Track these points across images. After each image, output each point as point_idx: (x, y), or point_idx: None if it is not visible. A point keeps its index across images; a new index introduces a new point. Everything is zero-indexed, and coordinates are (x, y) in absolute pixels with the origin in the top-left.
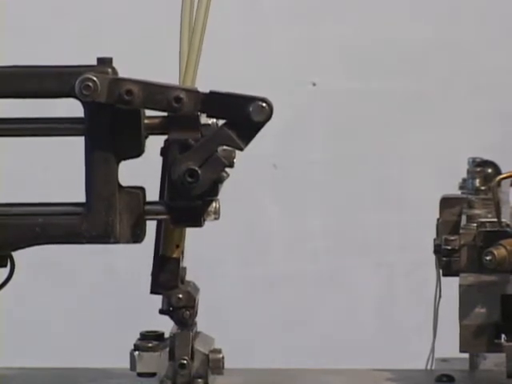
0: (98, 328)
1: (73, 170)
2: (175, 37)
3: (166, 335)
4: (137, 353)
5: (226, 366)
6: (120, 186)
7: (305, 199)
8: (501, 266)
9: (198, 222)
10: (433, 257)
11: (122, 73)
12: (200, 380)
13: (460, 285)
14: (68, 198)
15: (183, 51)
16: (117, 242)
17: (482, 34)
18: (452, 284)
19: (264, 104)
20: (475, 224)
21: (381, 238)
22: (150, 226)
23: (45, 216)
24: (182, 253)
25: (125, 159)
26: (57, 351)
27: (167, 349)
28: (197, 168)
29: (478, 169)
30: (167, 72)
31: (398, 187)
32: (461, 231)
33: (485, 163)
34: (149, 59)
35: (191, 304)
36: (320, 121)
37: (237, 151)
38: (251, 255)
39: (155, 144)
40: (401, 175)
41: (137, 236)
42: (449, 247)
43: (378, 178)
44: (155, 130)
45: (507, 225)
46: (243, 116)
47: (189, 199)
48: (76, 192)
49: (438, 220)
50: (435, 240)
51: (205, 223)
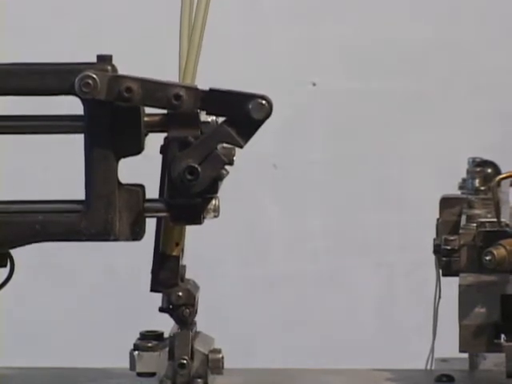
0: (98, 328)
1: (72, 170)
2: (175, 35)
3: (166, 335)
4: (136, 352)
5: (226, 366)
6: (120, 184)
7: (305, 199)
8: (500, 266)
9: (198, 220)
10: (433, 257)
11: (122, 71)
12: (199, 380)
13: (460, 285)
14: (67, 198)
15: (183, 49)
16: (116, 240)
17: (482, 34)
18: (452, 284)
19: (263, 101)
20: (475, 224)
21: (381, 238)
22: (150, 224)
23: (44, 213)
24: (182, 251)
25: (124, 157)
26: (57, 351)
27: (167, 349)
28: (196, 165)
29: (478, 169)
30: (167, 70)
31: (398, 187)
32: (460, 231)
33: (485, 163)
34: (149, 57)
35: (191, 302)
36: (320, 121)
37: (237, 150)
38: (251, 255)
39: (155, 141)
40: (401, 175)
41: (136, 233)
42: (449, 247)
43: (378, 178)
44: (155, 128)
45: (507, 225)
46: (243, 113)
47: (188, 197)
48: (76, 192)
49: (438, 220)
50: (435, 240)
51: (204, 221)
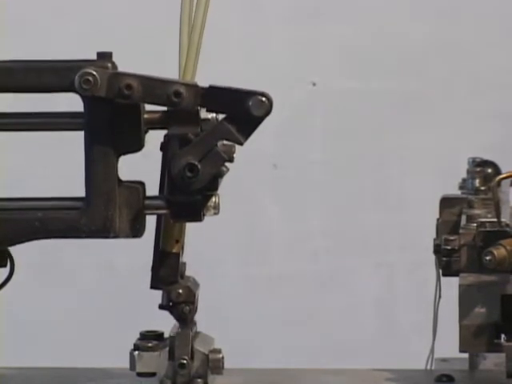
0: (98, 328)
1: (72, 170)
2: (175, 32)
3: (166, 335)
4: (136, 352)
5: (226, 366)
6: (119, 181)
7: (305, 199)
8: (501, 266)
9: (198, 217)
10: (433, 257)
11: (122, 68)
12: (200, 380)
13: (460, 285)
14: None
15: (183, 46)
16: (116, 237)
17: (482, 34)
18: (452, 284)
19: (263, 98)
20: (475, 224)
21: (381, 238)
22: (150, 222)
23: (44, 210)
24: (182, 248)
25: (124, 154)
26: (57, 351)
27: (167, 348)
28: (196, 162)
29: (478, 169)
30: (167, 67)
31: (398, 187)
32: (461, 231)
33: (485, 163)
34: (149, 55)
35: (191, 299)
36: (320, 121)
37: (237, 151)
38: (251, 255)
39: (155, 139)
40: (401, 175)
41: (136, 231)
42: (449, 247)
43: (378, 178)
44: (155, 125)
45: (507, 225)
46: (243, 110)
47: (188, 194)
48: (75, 191)
49: (438, 220)
50: (435, 240)
51: (204, 218)
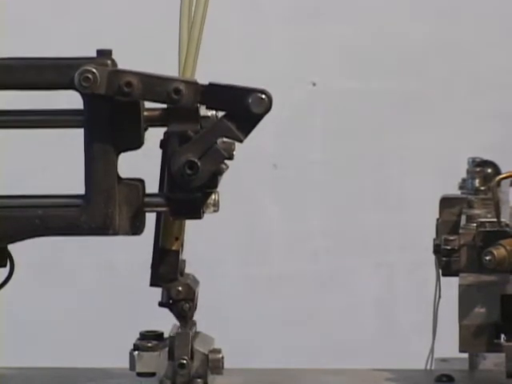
0: (98, 328)
1: (71, 170)
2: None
3: (166, 335)
4: (136, 352)
5: (226, 366)
6: (119, 178)
7: (305, 199)
8: (500, 266)
9: (198, 214)
10: (433, 257)
11: (122, 66)
12: (199, 380)
13: (460, 285)
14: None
15: (183, 42)
16: (116, 234)
17: (482, 34)
18: (452, 284)
19: (263, 96)
20: (475, 224)
21: (381, 238)
22: (150, 220)
23: (44, 208)
24: (182, 245)
25: (124, 151)
26: (57, 351)
27: (167, 349)
28: (196, 160)
29: (478, 169)
30: (167, 67)
31: (398, 187)
32: (460, 231)
33: (484, 163)
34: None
35: (191, 297)
36: (320, 121)
37: (237, 150)
38: (251, 255)
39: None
40: (401, 175)
41: (136, 228)
42: (448, 247)
43: (378, 178)
44: (155, 122)
45: (507, 225)
46: (242, 108)
47: (188, 191)
48: (74, 188)
49: (438, 220)
50: (435, 240)
51: (204, 215)
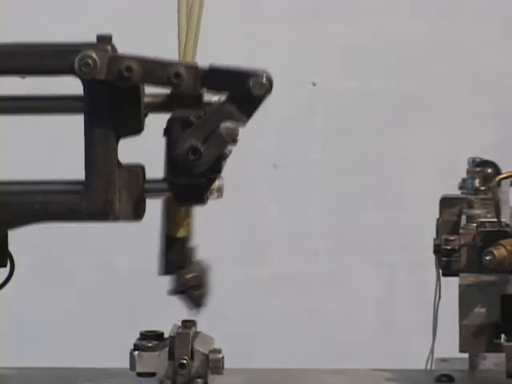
0: (98, 328)
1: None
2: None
3: (166, 335)
4: (136, 352)
5: (226, 366)
6: (119, 164)
7: (305, 199)
8: (501, 266)
9: (202, 200)
10: (433, 257)
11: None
12: (200, 380)
13: (460, 285)
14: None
15: (182, 27)
16: (116, 220)
17: (482, 34)
18: (452, 284)
19: (264, 78)
20: (475, 224)
21: (381, 238)
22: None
23: (44, 194)
24: (191, 233)
25: (124, 137)
26: (57, 351)
27: (167, 349)
28: (199, 145)
29: (478, 169)
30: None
31: (398, 187)
32: (461, 231)
33: (485, 163)
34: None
35: (201, 283)
36: (320, 121)
37: (237, 150)
38: (251, 255)
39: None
40: (401, 175)
41: (136, 214)
42: (449, 247)
43: (378, 178)
44: (157, 109)
45: (507, 225)
46: (244, 90)
47: (192, 177)
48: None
49: (438, 220)
50: (435, 240)
51: (208, 201)
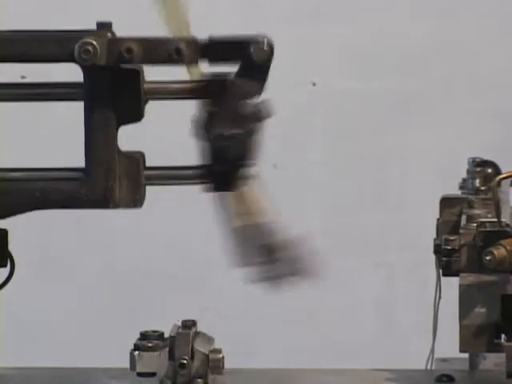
0: (98, 328)
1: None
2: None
3: (166, 335)
4: (137, 352)
5: (226, 366)
6: (119, 151)
7: (305, 199)
8: (501, 266)
9: (235, 186)
10: (433, 257)
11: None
12: (200, 380)
13: (460, 285)
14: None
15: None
16: (116, 207)
17: (482, 34)
18: (452, 284)
19: (263, 43)
20: (475, 224)
21: (381, 238)
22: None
23: (45, 181)
24: (267, 220)
25: (124, 124)
26: (57, 351)
27: (167, 348)
28: (227, 132)
29: (478, 169)
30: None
31: (398, 187)
32: (461, 231)
33: (485, 163)
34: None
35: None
36: (320, 121)
37: None
38: None
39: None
40: (401, 175)
41: (136, 201)
42: (449, 247)
43: (378, 178)
44: (157, 95)
45: (507, 225)
46: (245, 59)
47: (225, 163)
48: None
49: (438, 220)
50: (435, 240)
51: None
